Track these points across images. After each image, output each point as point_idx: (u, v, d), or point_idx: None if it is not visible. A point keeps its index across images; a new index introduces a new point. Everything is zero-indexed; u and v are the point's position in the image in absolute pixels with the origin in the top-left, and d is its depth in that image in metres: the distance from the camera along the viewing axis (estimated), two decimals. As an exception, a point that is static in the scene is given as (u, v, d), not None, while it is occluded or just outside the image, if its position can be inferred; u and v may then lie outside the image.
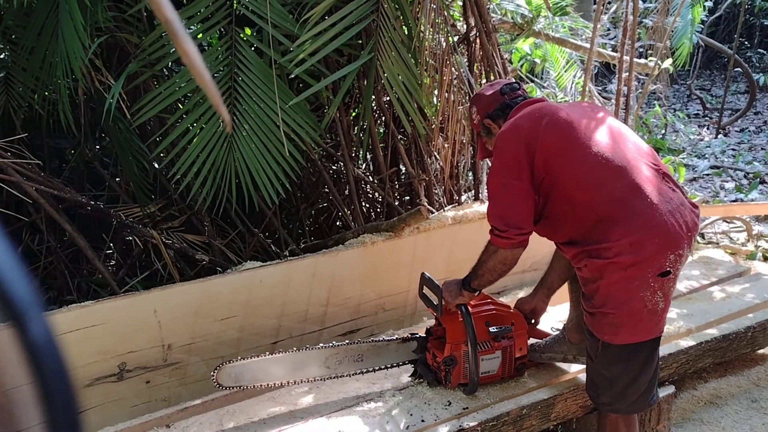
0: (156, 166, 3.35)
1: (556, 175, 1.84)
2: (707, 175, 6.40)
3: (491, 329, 2.13)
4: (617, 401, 1.95)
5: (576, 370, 2.27)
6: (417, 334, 2.30)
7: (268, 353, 2.11)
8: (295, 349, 2.14)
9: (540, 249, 2.39)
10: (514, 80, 2.22)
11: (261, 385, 2.10)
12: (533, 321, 2.32)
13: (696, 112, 9.28)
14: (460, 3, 3.56)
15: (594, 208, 1.81)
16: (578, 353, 2.20)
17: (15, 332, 0.45)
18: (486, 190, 2.01)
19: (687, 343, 2.52)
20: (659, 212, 1.77)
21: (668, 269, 1.79)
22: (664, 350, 2.44)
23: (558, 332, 2.28)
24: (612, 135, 1.90)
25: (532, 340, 2.33)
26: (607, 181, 1.80)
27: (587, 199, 1.82)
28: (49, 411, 0.45)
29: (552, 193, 1.87)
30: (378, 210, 3.72)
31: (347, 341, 2.21)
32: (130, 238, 3.31)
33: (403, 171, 3.70)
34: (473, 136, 3.42)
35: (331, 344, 2.16)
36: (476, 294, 2.10)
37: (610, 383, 1.92)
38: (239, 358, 2.07)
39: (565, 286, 2.28)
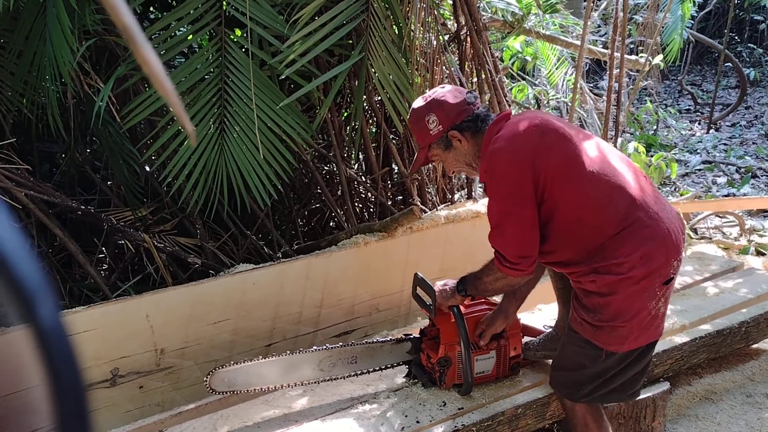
0: (147, 169, 3.33)
1: (560, 196, 1.78)
2: (699, 170, 6.43)
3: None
4: (597, 390, 1.95)
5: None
6: (411, 335, 2.30)
7: (261, 357, 2.09)
8: (288, 352, 2.13)
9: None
10: (470, 89, 2.07)
11: (255, 389, 2.09)
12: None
13: (687, 107, 9.31)
14: (450, 2, 3.56)
15: (603, 227, 1.77)
16: None
17: (23, 316, 0.44)
18: (489, 216, 1.88)
19: (681, 339, 2.53)
20: (662, 222, 1.79)
21: (672, 276, 1.82)
22: (658, 347, 2.43)
23: (551, 330, 2.27)
24: (599, 148, 1.87)
25: (525, 339, 2.33)
26: (612, 198, 1.78)
27: (596, 219, 1.78)
28: (57, 396, 0.45)
29: (555, 215, 1.81)
30: (371, 210, 3.71)
31: (341, 343, 2.20)
32: (122, 242, 3.29)
33: (396, 170, 3.69)
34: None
35: (324, 347, 2.15)
36: (471, 298, 2.10)
37: (598, 377, 1.93)
38: (232, 362, 2.06)
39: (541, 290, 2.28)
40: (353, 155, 3.69)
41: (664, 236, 1.78)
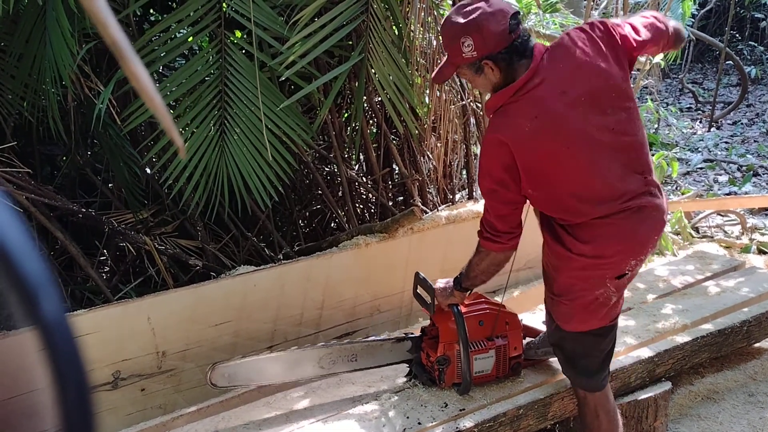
0: (148, 171, 3.34)
1: (537, 187, 1.81)
2: (701, 168, 6.41)
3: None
4: (566, 369, 2.07)
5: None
6: (412, 333, 2.30)
7: (262, 353, 2.10)
8: (288, 349, 2.14)
9: (535, 249, 2.38)
10: (515, 8, 1.82)
11: (255, 385, 2.10)
12: None
13: (688, 105, 9.29)
14: (450, 2, 3.55)
15: (579, 212, 1.80)
16: None
17: (26, 310, 0.44)
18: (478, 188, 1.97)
19: (683, 338, 2.52)
20: (633, 222, 1.78)
21: (626, 272, 1.85)
22: (660, 346, 2.45)
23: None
24: (597, 127, 1.76)
25: (527, 339, 2.33)
26: (593, 193, 1.77)
27: (573, 208, 1.80)
28: (61, 392, 0.45)
29: (542, 188, 1.83)
30: (372, 211, 3.71)
31: (341, 341, 2.21)
32: (124, 245, 3.29)
33: (396, 171, 3.69)
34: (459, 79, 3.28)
35: (324, 344, 2.16)
36: (468, 293, 2.10)
37: (567, 359, 2.03)
38: (228, 359, 2.07)
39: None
40: (354, 156, 3.69)
41: (626, 236, 1.78)
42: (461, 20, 1.75)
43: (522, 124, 1.75)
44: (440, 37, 2.40)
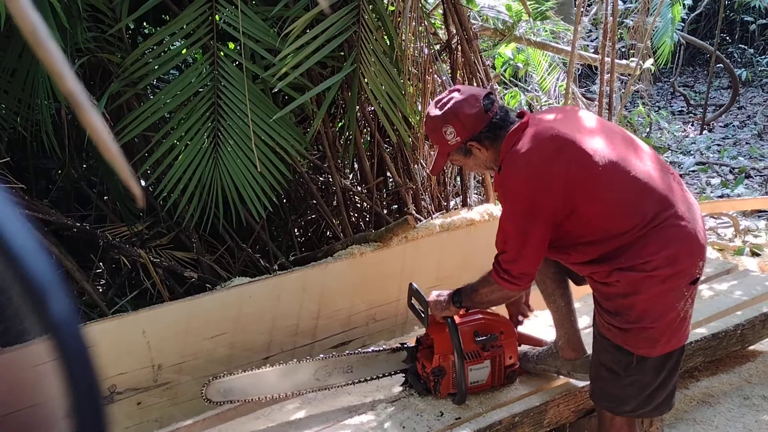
0: (142, 183, 3.34)
1: (583, 209, 1.76)
2: (693, 171, 6.45)
3: (478, 339, 2.13)
4: (641, 407, 1.90)
5: (567, 375, 2.28)
6: (407, 343, 2.31)
7: (256, 368, 2.11)
8: (284, 362, 2.14)
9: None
10: (487, 90, 2.00)
11: (251, 399, 2.10)
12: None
13: (680, 109, 9.35)
14: (441, 11, 3.58)
15: (629, 230, 1.74)
16: (572, 369, 2.18)
17: (34, 310, 0.44)
18: (499, 229, 1.87)
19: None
20: (688, 222, 1.76)
21: (698, 276, 1.79)
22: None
23: (551, 345, 2.25)
24: (625, 146, 1.83)
25: (525, 347, 2.34)
26: (638, 199, 1.75)
27: (621, 225, 1.75)
28: (71, 390, 0.45)
29: (578, 227, 1.79)
30: (366, 219, 3.72)
31: (336, 353, 2.21)
32: (119, 258, 3.29)
33: (391, 180, 3.71)
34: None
35: (320, 356, 2.16)
36: (466, 310, 2.11)
37: (638, 392, 1.87)
38: (224, 373, 2.07)
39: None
40: (348, 165, 3.70)
41: (690, 236, 1.75)
42: (438, 112, 1.90)
43: (545, 145, 1.78)
44: (425, 131, 2.46)
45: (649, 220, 1.73)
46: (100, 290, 3.33)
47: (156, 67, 2.99)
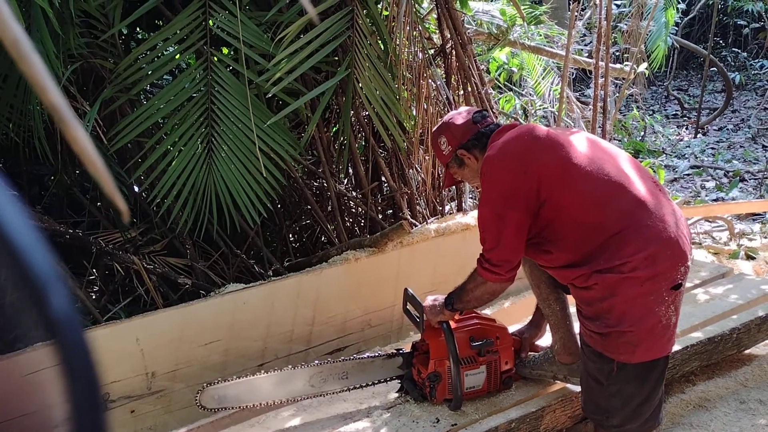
0: (136, 189, 3.32)
1: (558, 197, 1.78)
2: (687, 175, 6.46)
3: (474, 344, 2.12)
4: (629, 421, 1.88)
5: (563, 380, 2.27)
6: (402, 349, 2.29)
7: (250, 375, 2.09)
8: (279, 369, 2.13)
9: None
10: (480, 108, 2.18)
11: (246, 406, 2.09)
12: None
13: (674, 112, 9.38)
14: (435, 16, 3.58)
15: (605, 225, 1.75)
16: (569, 374, 2.17)
17: (34, 306, 0.43)
18: (478, 216, 1.91)
19: (673, 347, 2.52)
20: (668, 224, 1.75)
21: (680, 282, 1.78)
22: (650, 356, 2.45)
23: (547, 350, 2.24)
24: (601, 150, 1.88)
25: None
26: (613, 196, 1.76)
27: (596, 217, 1.76)
28: (71, 387, 0.45)
29: (555, 217, 1.80)
30: (361, 224, 3.71)
31: (332, 359, 2.20)
32: (112, 264, 3.27)
33: (385, 185, 3.70)
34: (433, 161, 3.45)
35: (315, 363, 2.15)
36: (459, 313, 2.10)
37: (622, 404, 1.85)
38: (218, 380, 2.05)
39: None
40: (342, 170, 3.69)
41: (670, 240, 1.74)
42: (436, 126, 2.11)
43: (523, 136, 1.88)
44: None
45: (626, 216, 1.74)
46: (93, 297, 3.30)
47: (149, 73, 2.98)
